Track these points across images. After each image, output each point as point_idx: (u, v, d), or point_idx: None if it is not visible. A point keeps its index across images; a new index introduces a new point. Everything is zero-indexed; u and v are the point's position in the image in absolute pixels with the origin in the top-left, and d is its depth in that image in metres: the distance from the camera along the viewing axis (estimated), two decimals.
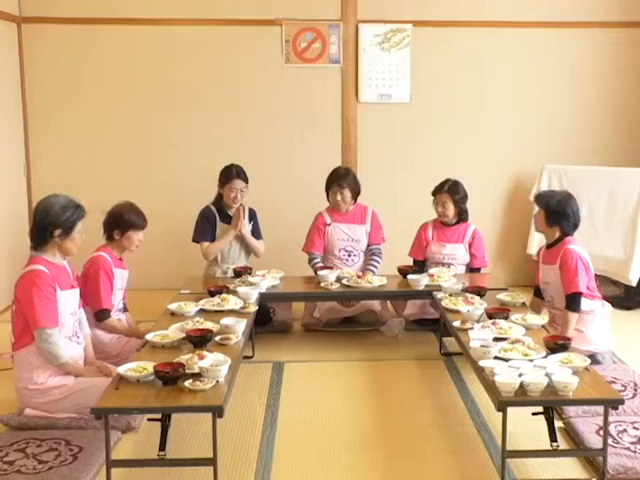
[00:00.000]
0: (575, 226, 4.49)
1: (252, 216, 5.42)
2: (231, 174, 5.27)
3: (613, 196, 5.93)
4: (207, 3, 6.33)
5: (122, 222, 4.39)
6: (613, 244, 5.74)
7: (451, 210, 5.26)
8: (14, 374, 3.78)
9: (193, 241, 5.34)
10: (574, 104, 6.59)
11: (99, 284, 4.25)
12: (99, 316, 4.29)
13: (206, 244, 5.28)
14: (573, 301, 4.37)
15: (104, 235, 4.43)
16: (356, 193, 5.41)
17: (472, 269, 5.37)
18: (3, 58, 6.04)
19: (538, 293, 4.71)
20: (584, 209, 5.36)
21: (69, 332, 3.78)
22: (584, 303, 4.39)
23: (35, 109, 6.38)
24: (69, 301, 3.78)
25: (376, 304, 5.33)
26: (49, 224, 3.68)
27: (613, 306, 4.67)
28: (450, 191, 5.24)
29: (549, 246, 4.55)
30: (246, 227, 5.31)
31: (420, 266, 5.34)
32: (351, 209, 5.44)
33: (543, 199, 4.54)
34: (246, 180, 5.30)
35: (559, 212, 4.44)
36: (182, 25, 6.34)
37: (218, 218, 5.32)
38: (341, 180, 5.33)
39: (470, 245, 5.33)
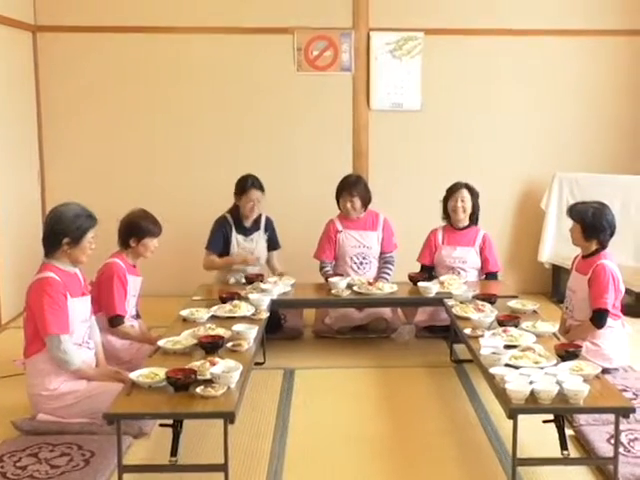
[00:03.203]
0: (611, 235, 4.42)
1: (268, 226, 5.46)
2: (247, 184, 5.29)
3: (625, 204, 5.91)
4: (220, 11, 6.36)
5: (139, 230, 4.41)
6: (624, 252, 5.71)
7: (468, 204, 5.28)
8: (26, 380, 3.80)
9: (206, 248, 5.36)
10: (586, 112, 6.58)
11: (113, 290, 4.27)
12: (113, 322, 4.31)
13: (212, 256, 5.30)
14: (598, 317, 4.34)
15: (118, 242, 4.46)
16: (366, 201, 5.43)
17: (488, 274, 5.37)
18: (18, 66, 6.10)
19: None
20: None
21: (79, 339, 3.80)
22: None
23: (49, 116, 6.43)
24: (80, 308, 3.79)
25: (387, 311, 5.33)
26: (59, 232, 3.70)
27: (624, 314, 4.64)
28: (468, 186, 5.31)
29: (585, 256, 4.49)
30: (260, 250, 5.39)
31: (428, 272, 5.35)
32: (362, 216, 5.46)
33: (578, 213, 4.43)
34: (262, 189, 5.32)
35: (595, 226, 4.36)
36: (194, 33, 6.36)
37: (234, 228, 5.34)
38: (352, 188, 5.36)
39: (482, 249, 5.34)
